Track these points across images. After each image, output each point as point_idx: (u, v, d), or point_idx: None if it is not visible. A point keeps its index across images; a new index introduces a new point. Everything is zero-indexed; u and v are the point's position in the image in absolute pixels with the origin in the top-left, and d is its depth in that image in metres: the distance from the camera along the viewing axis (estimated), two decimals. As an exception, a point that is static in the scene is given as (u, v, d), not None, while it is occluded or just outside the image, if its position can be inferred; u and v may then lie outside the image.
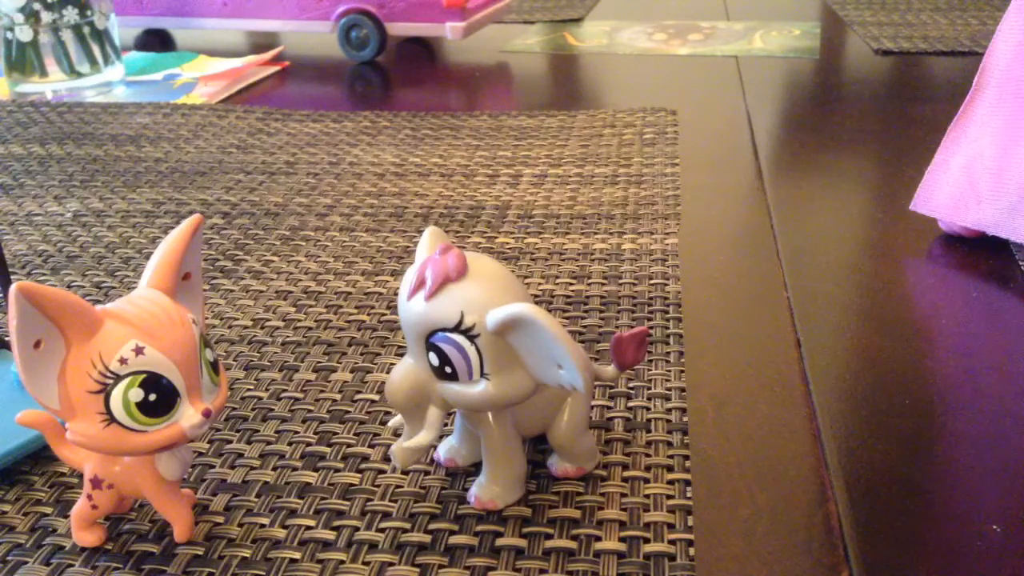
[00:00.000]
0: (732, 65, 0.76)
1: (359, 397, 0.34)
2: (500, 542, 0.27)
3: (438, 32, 0.79)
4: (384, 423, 0.32)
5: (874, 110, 0.64)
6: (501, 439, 0.27)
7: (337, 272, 0.44)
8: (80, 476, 0.27)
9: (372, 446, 0.31)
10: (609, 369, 0.29)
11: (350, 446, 0.31)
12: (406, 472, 0.30)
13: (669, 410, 0.32)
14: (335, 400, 0.34)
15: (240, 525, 0.28)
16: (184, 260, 0.26)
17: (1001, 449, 0.30)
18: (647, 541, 0.26)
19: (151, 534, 0.28)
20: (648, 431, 0.31)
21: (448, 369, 0.25)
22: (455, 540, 0.27)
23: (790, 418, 0.32)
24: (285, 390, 0.35)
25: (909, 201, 0.45)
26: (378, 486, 0.29)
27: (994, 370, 0.34)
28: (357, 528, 0.27)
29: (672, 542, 0.26)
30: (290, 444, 0.31)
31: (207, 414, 0.25)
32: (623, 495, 0.28)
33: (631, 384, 0.34)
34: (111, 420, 0.24)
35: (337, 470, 0.30)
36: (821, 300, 0.32)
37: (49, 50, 0.73)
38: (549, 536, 0.27)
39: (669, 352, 0.36)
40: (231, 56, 0.83)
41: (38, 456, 0.31)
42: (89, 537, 0.27)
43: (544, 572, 0.26)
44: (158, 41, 0.92)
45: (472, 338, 0.25)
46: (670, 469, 0.29)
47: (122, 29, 0.84)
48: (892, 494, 0.28)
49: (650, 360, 0.35)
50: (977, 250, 0.43)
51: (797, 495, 0.28)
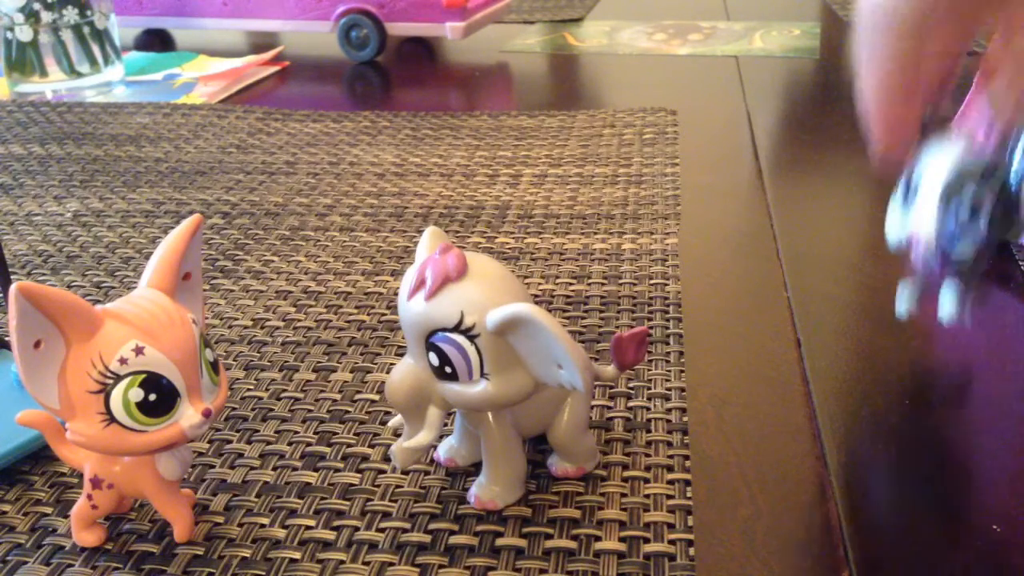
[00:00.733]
0: (732, 65, 0.76)
1: (359, 397, 0.34)
2: (500, 542, 0.27)
3: (438, 32, 0.79)
4: (384, 423, 0.32)
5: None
6: (501, 439, 0.27)
7: (337, 272, 0.44)
8: (80, 476, 0.27)
9: (372, 446, 0.31)
10: (609, 369, 0.29)
11: (350, 446, 0.31)
12: (406, 472, 0.30)
13: (669, 410, 0.32)
14: (335, 400, 0.34)
15: (240, 525, 0.28)
16: (184, 260, 0.26)
17: (1001, 449, 0.30)
18: (647, 541, 0.26)
19: (151, 534, 0.28)
20: (648, 431, 0.31)
21: (448, 369, 0.25)
22: (455, 540, 0.27)
23: (790, 418, 0.32)
24: (285, 390, 0.35)
25: (909, 201, 0.45)
26: (378, 486, 0.29)
27: (994, 370, 0.34)
28: (357, 528, 0.27)
29: (672, 542, 0.26)
30: (290, 444, 0.31)
31: (207, 414, 0.25)
32: (623, 495, 0.28)
33: (631, 384, 0.34)
34: (111, 420, 0.24)
35: (337, 470, 0.30)
36: (821, 300, 0.32)
37: (49, 50, 0.73)
38: (549, 536, 0.27)
39: (669, 352, 0.36)
40: (231, 56, 0.83)
41: (38, 456, 0.31)
42: (89, 537, 0.27)
43: (544, 572, 0.26)
44: (158, 41, 0.92)
45: (472, 338, 0.25)
46: (670, 469, 0.29)
47: (122, 29, 0.84)
48: (892, 494, 0.28)
49: (650, 360, 0.35)
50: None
51: (797, 495, 0.28)
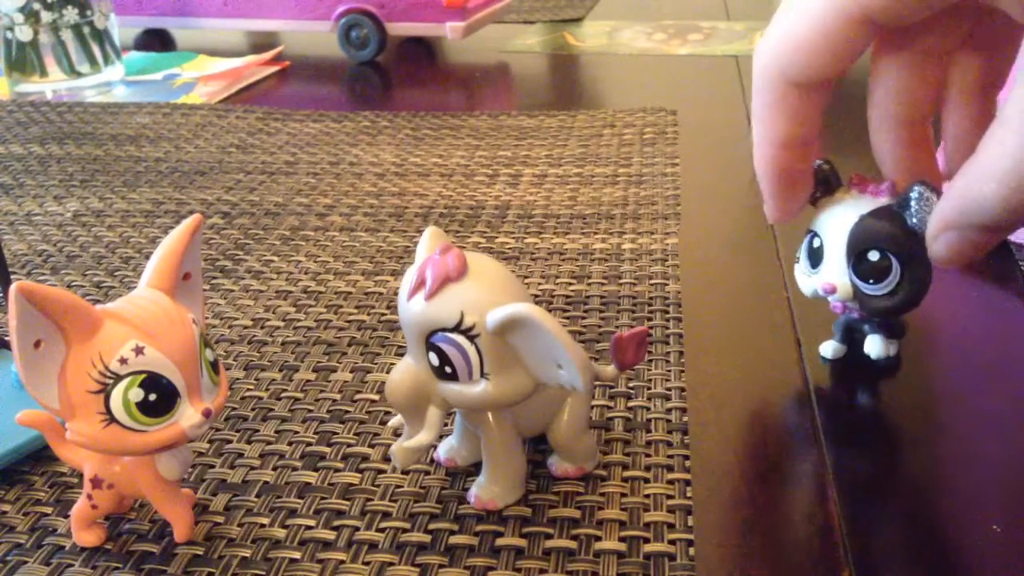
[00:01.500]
0: (732, 65, 0.76)
1: (359, 397, 0.34)
2: (500, 542, 0.27)
3: (438, 32, 0.79)
4: (384, 423, 0.32)
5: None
6: (501, 439, 0.27)
7: (337, 272, 0.44)
8: (80, 476, 0.27)
9: (372, 446, 0.31)
10: (609, 369, 0.29)
11: (350, 446, 0.31)
12: (406, 472, 0.30)
13: (669, 410, 0.32)
14: (335, 400, 0.34)
15: (240, 525, 0.28)
16: (184, 260, 0.26)
17: (1001, 449, 0.30)
18: (647, 541, 0.26)
19: (151, 534, 0.28)
20: (648, 431, 0.31)
21: (448, 369, 0.25)
22: (455, 540, 0.27)
23: (790, 418, 0.32)
24: (285, 390, 0.35)
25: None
26: (378, 486, 0.29)
27: (994, 370, 0.34)
28: (357, 528, 0.27)
29: (672, 542, 0.26)
30: (290, 444, 0.31)
31: (207, 414, 0.25)
32: (623, 495, 0.28)
33: (631, 384, 0.34)
34: (111, 420, 0.24)
35: (337, 470, 0.30)
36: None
37: (49, 50, 0.73)
38: (549, 536, 0.27)
39: (669, 352, 0.36)
40: (231, 56, 0.83)
41: (38, 456, 0.31)
42: (89, 537, 0.27)
43: (544, 572, 0.26)
44: (158, 41, 0.92)
45: (472, 338, 0.25)
46: (670, 469, 0.29)
47: (122, 29, 0.84)
48: (892, 494, 0.28)
49: (650, 360, 0.35)
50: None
51: (797, 495, 0.28)
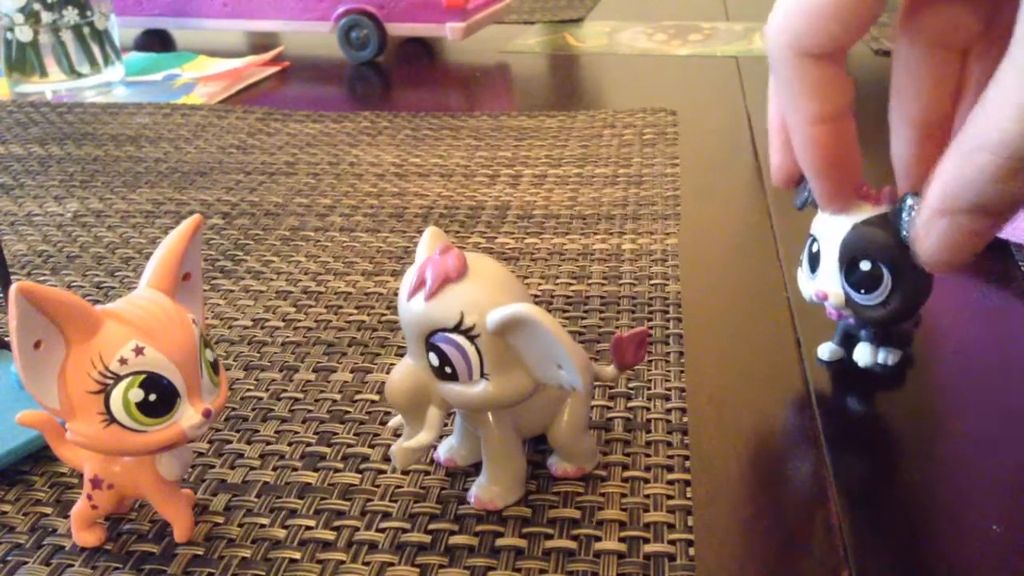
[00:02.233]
0: (732, 65, 0.76)
1: (359, 397, 0.34)
2: (500, 542, 0.27)
3: (438, 32, 0.79)
4: (384, 423, 0.32)
5: (873, 110, 0.65)
6: (501, 439, 0.27)
7: (337, 272, 0.44)
8: (80, 476, 0.27)
9: (372, 446, 0.31)
10: (609, 369, 0.29)
11: (350, 446, 0.31)
12: (406, 472, 0.30)
13: (669, 410, 0.32)
14: (335, 400, 0.34)
15: (240, 525, 0.28)
16: (184, 260, 0.26)
17: (1001, 449, 0.30)
18: (647, 541, 0.26)
19: (151, 534, 0.28)
20: (648, 431, 0.31)
21: (448, 369, 0.25)
22: (455, 540, 0.27)
23: (790, 418, 0.32)
24: (285, 390, 0.35)
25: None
26: (378, 486, 0.29)
27: (994, 370, 0.34)
28: (357, 528, 0.27)
29: (672, 542, 0.26)
30: (290, 444, 0.31)
31: (207, 414, 0.25)
32: (623, 495, 0.28)
33: (631, 384, 0.34)
34: (111, 420, 0.24)
35: (337, 470, 0.30)
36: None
37: (49, 50, 0.73)
38: (549, 536, 0.27)
39: (669, 352, 0.36)
40: (231, 56, 0.83)
41: (38, 456, 0.31)
42: (89, 537, 0.27)
43: (544, 572, 0.26)
44: (158, 41, 0.92)
45: (472, 338, 0.25)
46: (670, 469, 0.29)
47: (122, 29, 0.84)
48: (892, 494, 0.28)
49: (650, 360, 0.35)
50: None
51: (797, 495, 0.28)
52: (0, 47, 0.73)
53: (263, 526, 0.28)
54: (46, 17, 0.71)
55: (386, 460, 0.30)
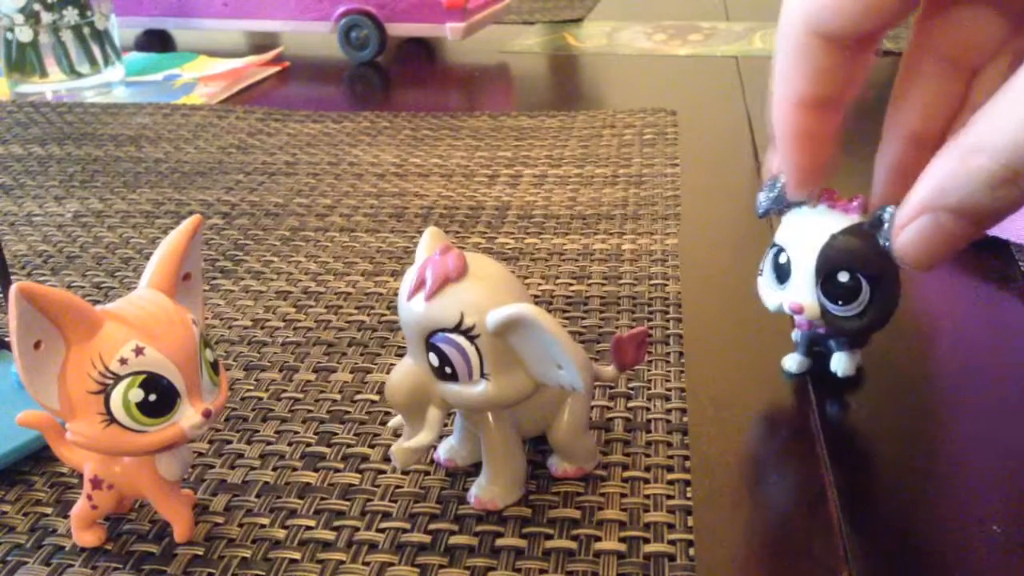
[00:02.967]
0: (732, 65, 0.76)
1: (359, 397, 0.34)
2: (500, 542, 0.27)
3: (438, 32, 0.79)
4: (384, 423, 0.32)
5: (874, 110, 0.64)
6: (501, 439, 0.27)
7: (337, 272, 0.44)
8: (80, 476, 0.27)
9: (372, 446, 0.31)
10: (609, 369, 0.29)
11: (350, 446, 0.31)
12: (406, 472, 0.30)
13: (669, 411, 0.32)
14: (335, 400, 0.34)
15: (240, 525, 0.28)
16: (184, 261, 0.26)
17: (1001, 449, 0.30)
18: (647, 541, 0.26)
19: (151, 534, 0.28)
20: (648, 431, 0.31)
21: (448, 369, 0.25)
22: (455, 540, 0.27)
23: (790, 418, 0.32)
24: (285, 390, 0.35)
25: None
26: (378, 486, 0.29)
27: (994, 370, 0.34)
28: (357, 528, 0.27)
29: (672, 542, 0.26)
30: (290, 444, 0.31)
31: (207, 414, 0.25)
32: (623, 495, 0.28)
33: (631, 384, 0.34)
34: (111, 420, 0.24)
35: (337, 470, 0.30)
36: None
37: (49, 50, 0.73)
38: (549, 536, 0.27)
39: (669, 352, 0.36)
40: (231, 56, 0.83)
41: (38, 456, 0.31)
42: (89, 537, 0.27)
43: (544, 572, 0.26)
44: (158, 41, 0.92)
45: (472, 338, 0.25)
46: (670, 469, 0.29)
47: (122, 29, 0.84)
48: (892, 494, 0.28)
49: (650, 360, 0.35)
50: (977, 250, 0.43)
51: (797, 495, 0.28)
52: (0, 47, 0.73)
53: (263, 526, 0.28)
54: (46, 17, 0.71)
55: (386, 460, 0.30)
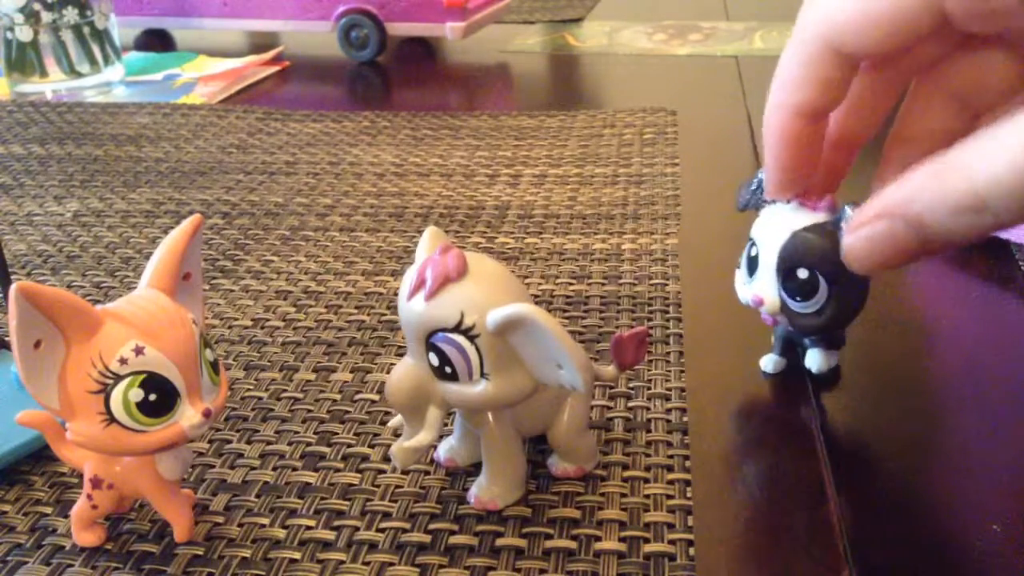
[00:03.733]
0: (732, 65, 0.76)
1: (359, 397, 0.34)
2: (500, 542, 0.27)
3: (438, 32, 0.79)
4: (384, 423, 0.32)
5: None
6: (501, 439, 0.27)
7: (337, 272, 0.44)
8: (80, 476, 0.27)
9: (372, 446, 0.31)
10: (609, 369, 0.29)
11: (350, 446, 0.31)
12: (406, 472, 0.30)
13: (669, 410, 0.32)
14: (335, 400, 0.34)
15: (240, 525, 0.28)
16: (184, 260, 0.26)
17: (1001, 449, 0.30)
18: (647, 541, 0.26)
19: (151, 534, 0.28)
20: (648, 431, 0.31)
21: (448, 369, 0.25)
22: (455, 540, 0.27)
23: (790, 418, 0.32)
24: (285, 390, 0.35)
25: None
26: (378, 486, 0.29)
27: (994, 370, 0.34)
28: (357, 528, 0.27)
29: (672, 542, 0.26)
30: (290, 444, 0.31)
31: (207, 414, 0.25)
32: (623, 495, 0.28)
33: (631, 384, 0.34)
34: (111, 420, 0.24)
35: (337, 470, 0.30)
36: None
37: (49, 50, 0.73)
38: (549, 536, 0.27)
39: (669, 352, 0.36)
40: (231, 56, 0.83)
41: (38, 456, 0.31)
42: (89, 537, 0.27)
43: (544, 572, 0.26)
44: (158, 41, 0.92)
45: (472, 338, 0.25)
46: (670, 469, 0.29)
47: (122, 29, 0.84)
48: (892, 494, 0.28)
49: (650, 360, 0.35)
50: (977, 250, 0.43)
51: (797, 495, 0.28)
52: (0, 47, 0.73)
53: (263, 526, 0.28)
54: (46, 17, 0.71)
55: (386, 460, 0.30)
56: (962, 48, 0.27)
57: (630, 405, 0.33)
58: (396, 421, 0.28)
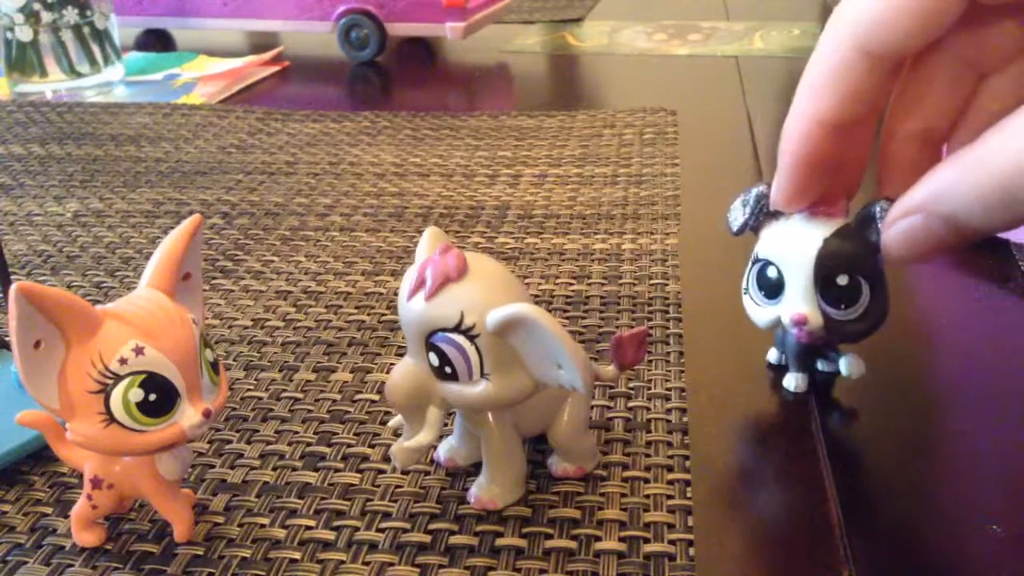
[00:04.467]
0: (732, 65, 0.76)
1: (359, 397, 0.34)
2: (500, 542, 0.27)
3: (438, 32, 0.79)
4: (384, 423, 0.32)
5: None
6: (501, 439, 0.27)
7: (337, 272, 0.44)
8: (80, 476, 0.27)
9: (372, 446, 0.31)
10: (609, 369, 0.29)
11: (350, 446, 0.31)
12: (406, 472, 0.30)
13: (669, 410, 0.32)
14: (335, 400, 0.34)
15: (240, 525, 0.28)
16: (184, 260, 0.26)
17: (1001, 449, 0.30)
18: (647, 541, 0.26)
19: (151, 534, 0.28)
20: (648, 431, 0.31)
21: (448, 369, 0.25)
22: (455, 540, 0.27)
23: (790, 418, 0.32)
24: (285, 390, 0.35)
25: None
26: (378, 486, 0.29)
27: (994, 370, 0.34)
28: (357, 528, 0.27)
29: (672, 542, 0.26)
30: (290, 444, 0.31)
31: (207, 414, 0.25)
32: (623, 495, 0.28)
33: (631, 384, 0.34)
34: (111, 420, 0.24)
35: (337, 470, 0.30)
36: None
37: (49, 50, 0.73)
38: (549, 536, 0.27)
39: (669, 352, 0.36)
40: (231, 56, 0.83)
41: (38, 456, 0.31)
42: (89, 537, 0.27)
43: (544, 572, 0.26)
44: (158, 41, 0.92)
45: (472, 338, 0.25)
46: (670, 469, 0.29)
47: (122, 29, 0.84)
48: (892, 494, 0.28)
49: (650, 360, 0.35)
50: (977, 250, 0.43)
51: (797, 495, 0.28)
52: (0, 47, 0.73)
53: (263, 526, 0.28)
54: (46, 17, 0.71)
55: (386, 460, 0.30)
56: (971, 12, 0.26)
57: (630, 405, 0.33)
58: (396, 421, 0.28)
